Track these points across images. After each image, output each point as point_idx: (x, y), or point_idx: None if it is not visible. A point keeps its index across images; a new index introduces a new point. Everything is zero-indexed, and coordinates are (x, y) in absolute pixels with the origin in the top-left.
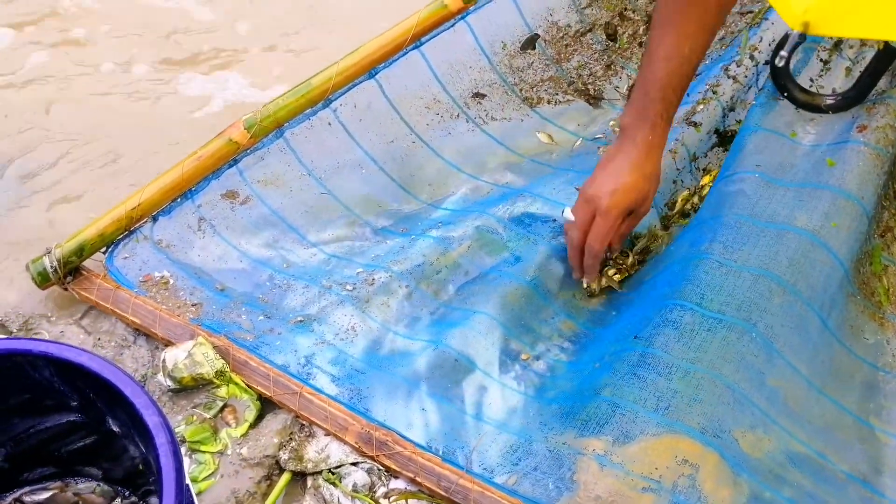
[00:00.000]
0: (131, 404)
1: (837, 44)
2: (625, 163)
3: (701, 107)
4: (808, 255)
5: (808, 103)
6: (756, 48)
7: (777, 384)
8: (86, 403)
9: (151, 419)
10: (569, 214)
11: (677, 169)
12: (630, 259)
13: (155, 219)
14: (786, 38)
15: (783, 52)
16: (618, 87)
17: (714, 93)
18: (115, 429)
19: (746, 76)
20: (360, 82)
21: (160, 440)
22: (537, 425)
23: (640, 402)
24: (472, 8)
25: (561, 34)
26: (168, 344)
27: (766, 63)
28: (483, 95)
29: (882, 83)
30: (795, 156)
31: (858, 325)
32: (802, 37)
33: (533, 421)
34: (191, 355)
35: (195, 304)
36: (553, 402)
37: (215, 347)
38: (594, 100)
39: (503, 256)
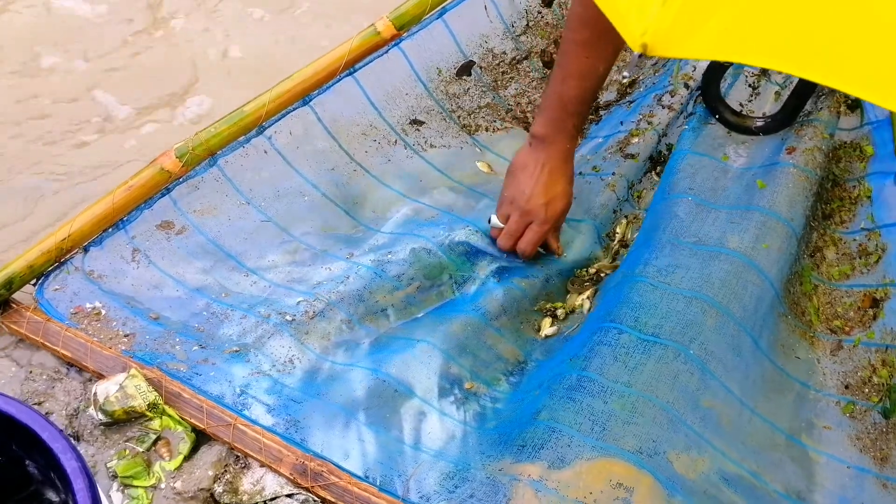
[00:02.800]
0: (49, 449)
1: (764, 70)
2: (554, 173)
3: (636, 139)
4: (740, 276)
5: (739, 125)
6: (690, 77)
7: (711, 405)
8: (2, 447)
9: (69, 464)
10: (496, 222)
11: (618, 199)
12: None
13: (86, 249)
14: (716, 65)
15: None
16: None
17: (649, 123)
18: (34, 472)
19: (681, 104)
20: (295, 109)
21: (78, 485)
22: (476, 454)
23: (575, 426)
24: (405, 35)
25: (497, 61)
26: (100, 377)
27: (698, 90)
28: (421, 122)
29: (809, 105)
30: (727, 178)
31: (790, 345)
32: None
33: (472, 449)
34: (122, 388)
35: (128, 335)
36: (493, 431)
37: (148, 379)
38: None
39: (446, 284)
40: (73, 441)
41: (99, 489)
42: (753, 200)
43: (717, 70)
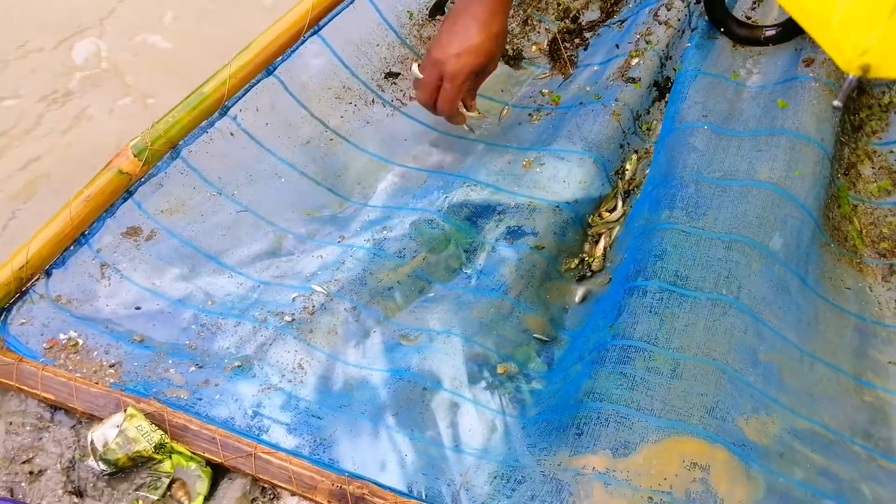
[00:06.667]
0: None
1: None
2: (471, 23)
3: (636, 59)
4: (777, 209)
5: (747, 37)
6: None
7: (769, 358)
8: None
9: None
10: (416, 71)
11: (623, 132)
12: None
13: (48, 273)
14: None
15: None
16: (536, 42)
17: (648, 42)
18: None
19: (679, 19)
20: (259, 81)
21: None
22: (525, 447)
23: (632, 405)
24: None
25: None
26: (91, 417)
27: (698, 2)
28: (397, 74)
29: None
30: (742, 100)
31: (838, 276)
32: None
33: (519, 442)
34: (122, 432)
35: (113, 365)
36: (538, 419)
37: (147, 415)
38: (514, 60)
39: (453, 256)
40: None
41: None
42: (777, 122)
43: None
